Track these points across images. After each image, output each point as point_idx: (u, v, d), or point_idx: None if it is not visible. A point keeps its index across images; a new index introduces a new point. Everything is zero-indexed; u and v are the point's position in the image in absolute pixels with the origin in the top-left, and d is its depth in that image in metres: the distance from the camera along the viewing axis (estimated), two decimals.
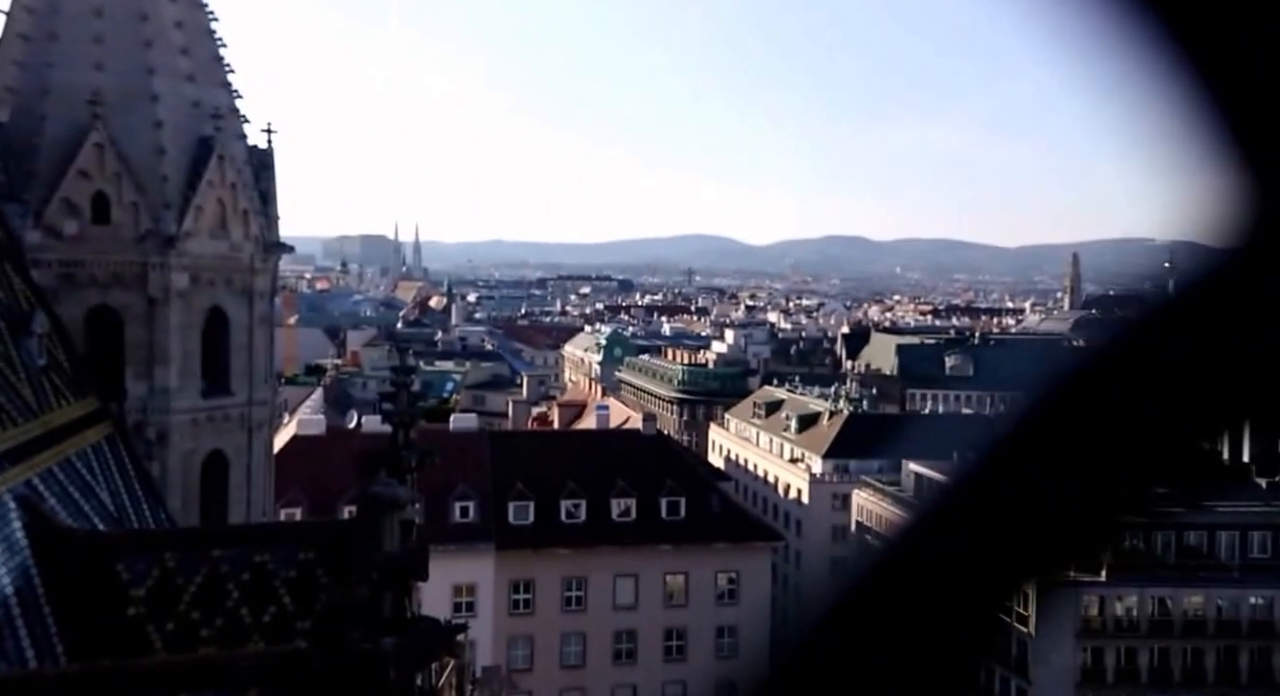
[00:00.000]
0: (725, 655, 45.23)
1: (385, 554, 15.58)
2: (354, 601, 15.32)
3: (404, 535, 16.23)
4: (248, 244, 22.05)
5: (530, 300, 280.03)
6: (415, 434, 18.83)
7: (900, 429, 63.43)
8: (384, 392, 19.98)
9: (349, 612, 15.23)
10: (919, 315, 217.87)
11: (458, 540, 41.85)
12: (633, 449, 48.59)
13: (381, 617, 15.23)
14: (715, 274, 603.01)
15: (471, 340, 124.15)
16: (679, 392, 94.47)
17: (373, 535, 15.74)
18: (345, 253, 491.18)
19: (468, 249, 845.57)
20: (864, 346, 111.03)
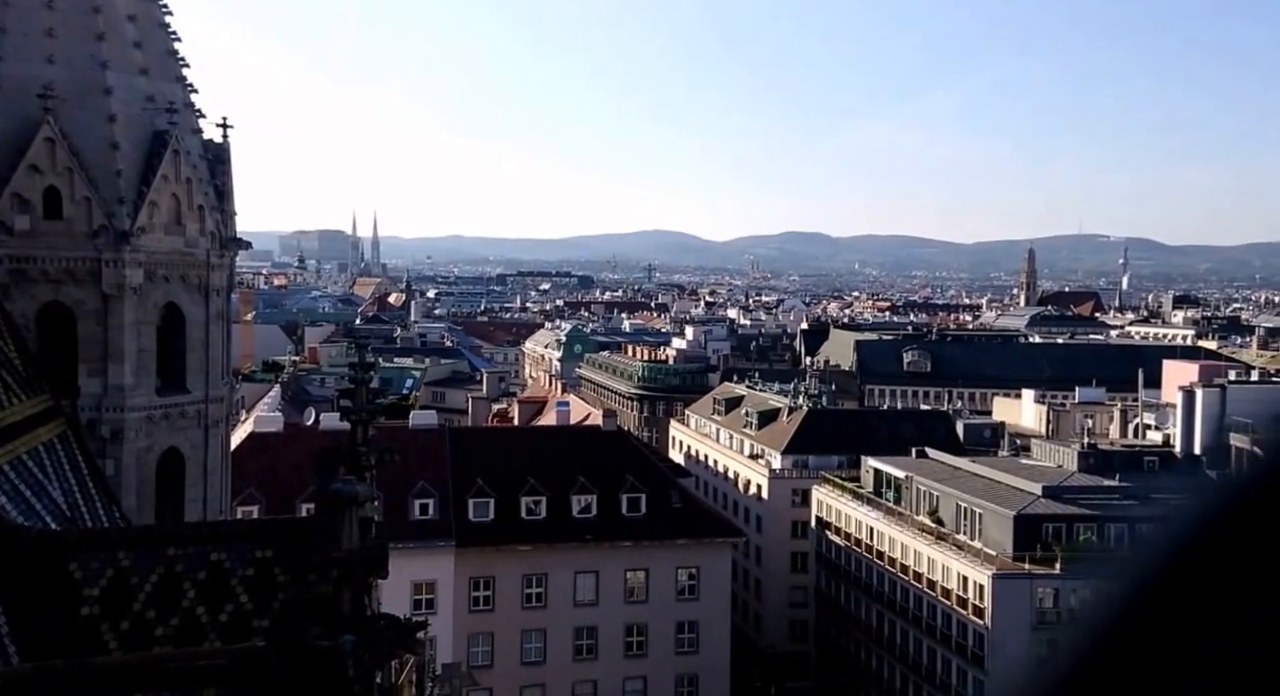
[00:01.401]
0: (685, 650, 45.52)
1: (344, 551, 15.55)
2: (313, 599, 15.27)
3: (363, 532, 16.19)
4: (203, 239, 21.77)
5: (490, 297, 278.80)
6: (374, 431, 18.75)
7: (859, 424, 64.25)
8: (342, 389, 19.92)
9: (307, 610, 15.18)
10: (877, 311, 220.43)
11: (417, 537, 41.65)
12: (593, 445, 48.67)
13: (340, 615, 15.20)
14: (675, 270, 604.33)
15: (431, 337, 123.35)
16: (639, 389, 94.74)
17: (331, 533, 15.69)
18: (303, 249, 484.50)
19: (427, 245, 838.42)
20: (823, 342, 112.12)
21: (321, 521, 16.03)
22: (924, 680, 46.29)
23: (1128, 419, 58.56)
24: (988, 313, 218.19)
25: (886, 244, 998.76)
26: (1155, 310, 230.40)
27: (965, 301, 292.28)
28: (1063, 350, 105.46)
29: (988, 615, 42.14)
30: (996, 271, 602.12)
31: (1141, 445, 52.80)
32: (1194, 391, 49.31)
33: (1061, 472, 47.48)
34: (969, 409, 76.94)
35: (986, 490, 46.08)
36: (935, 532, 46.44)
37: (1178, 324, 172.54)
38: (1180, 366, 59.61)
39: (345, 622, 15.04)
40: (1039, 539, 42.73)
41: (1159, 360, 64.71)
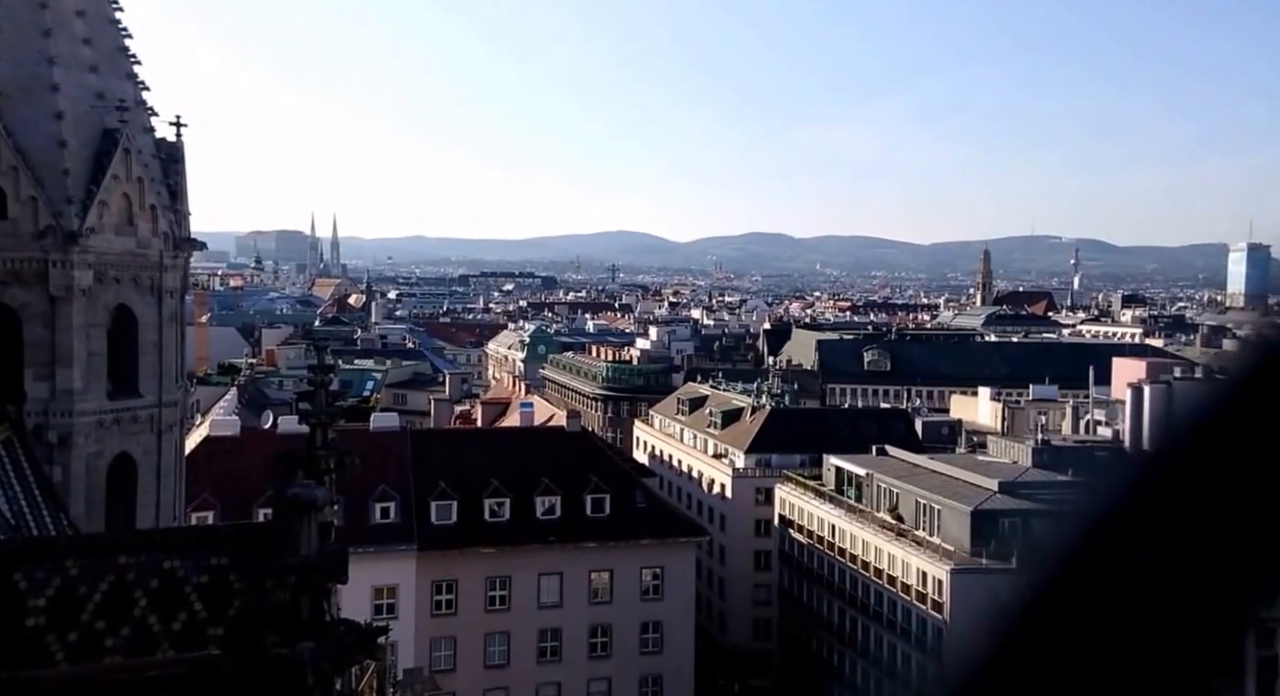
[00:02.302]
0: (650, 650, 45.53)
1: (303, 557, 15.33)
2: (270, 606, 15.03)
3: (322, 537, 15.97)
4: (156, 240, 21.34)
5: (452, 297, 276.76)
6: (334, 434, 18.51)
7: (821, 423, 64.79)
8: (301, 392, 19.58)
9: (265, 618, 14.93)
10: (838, 311, 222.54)
11: (378, 541, 41.19)
12: (557, 446, 48.50)
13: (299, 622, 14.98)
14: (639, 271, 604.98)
15: (392, 338, 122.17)
16: (603, 390, 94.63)
17: (290, 538, 15.46)
18: (260, 249, 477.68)
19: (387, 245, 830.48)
20: (785, 342, 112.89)
21: (279, 526, 15.79)
22: (885, 675, 46.78)
23: (1079, 415, 59.71)
24: (945, 312, 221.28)
25: (847, 245, 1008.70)
26: (1105, 309, 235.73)
27: (923, 301, 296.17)
28: (1017, 349, 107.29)
29: (946, 610, 42.69)
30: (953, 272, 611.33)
31: (1092, 441, 53.87)
32: (1142, 388, 50.38)
33: (1017, 468, 48.27)
34: (928, 407, 77.91)
35: (945, 487, 46.69)
36: (895, 529, 46.95)
37: (1126, 322, 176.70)
38: (1129, 364, 60.89)
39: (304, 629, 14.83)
40: (995, 534, 43.39)
41: (1109, 358, 66.04)
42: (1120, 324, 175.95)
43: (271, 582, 15.05)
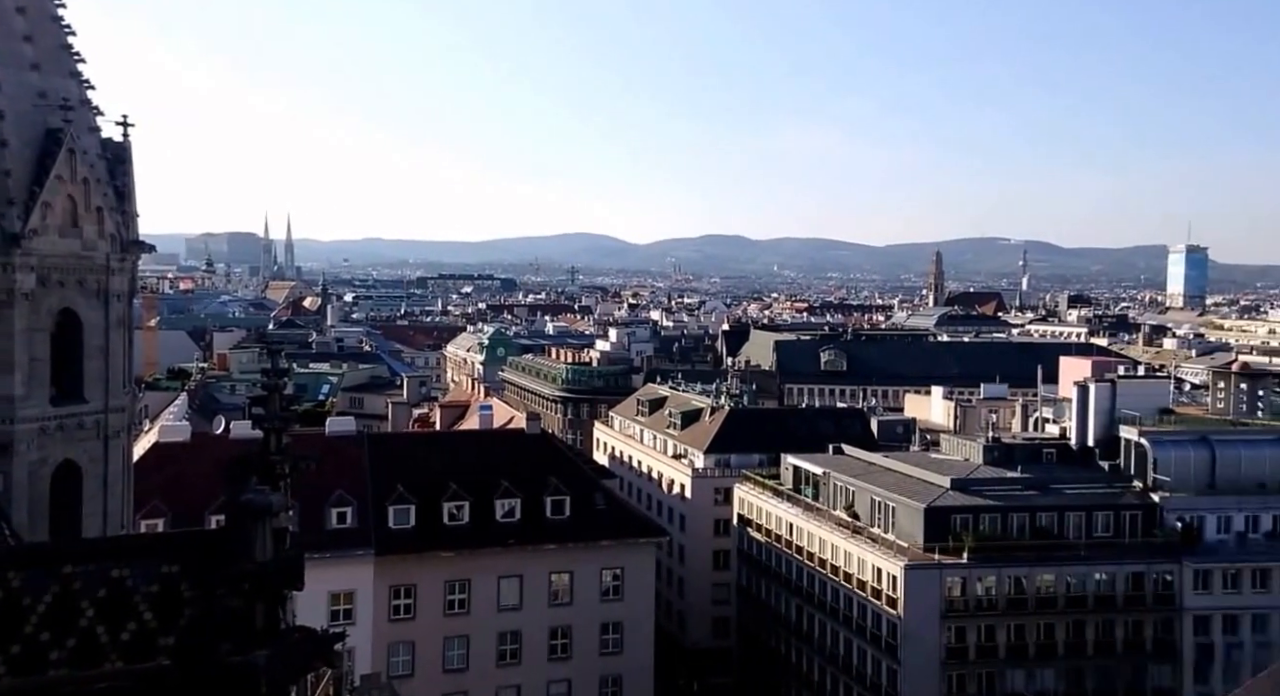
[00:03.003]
0: (610, 651, 45.55)
1: (257, 563, 15.14)
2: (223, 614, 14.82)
3: (277, 543, 15.78)
4: (102, 242, 20.91)
5: (410, 300, 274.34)
6: (288, 439, 18.28)
7: (779, 423, 65.37)
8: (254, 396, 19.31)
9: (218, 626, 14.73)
10: (795, 312, 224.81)
11: (335, 546, 40.73)
12: (517, 448, 48.34)
13: (253, 630, 14.79)
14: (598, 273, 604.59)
15: (348, 341, 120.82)
16: (563, 391, 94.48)
17: (243, 544, 15.26)
18: (211, 251, 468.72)
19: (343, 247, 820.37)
20: (744, 343, 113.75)
21: (233, 533, 15.58)
22: (841, 671, 47.33)
23: (1028, 413, 60.99)
24: (899, 313, 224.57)
25: (803, 246, 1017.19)
26: (1052, 309, 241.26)
27: (878, 302, 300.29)
28: (969, 348, 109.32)
29: (900, 605, 43.33)
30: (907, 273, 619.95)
31: (1041, 438, 55.05)
32: (1087, 386, 51.60)
33: (968, 466, 49.16)
34: (883, 406, 79.03)
35: (899, 484, 47.39)
36: (851, 526, 47.55)
37: (1072, 322, 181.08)
38: (1075, 362, 62.20)
39: (258, 637, 14.65)
40: (948, 530, 44.16)
41: (1056, 357, 67.50)
42: (1066, 323, 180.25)
43: (225, 590, 14.85)
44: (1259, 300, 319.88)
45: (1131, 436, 48.74)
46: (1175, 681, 45.28)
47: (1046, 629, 44.56)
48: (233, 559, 15.08)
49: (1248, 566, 45.58)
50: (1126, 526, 45.93)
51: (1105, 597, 44.97)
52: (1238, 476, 47.79)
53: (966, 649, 43.76)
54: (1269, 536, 46.77)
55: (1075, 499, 46.39)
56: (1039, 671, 44.43)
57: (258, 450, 17.92)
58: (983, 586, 43.98)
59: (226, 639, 14.42)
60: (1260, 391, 54.77)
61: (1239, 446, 48.72)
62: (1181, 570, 45.08)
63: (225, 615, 14.73)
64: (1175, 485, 46.85)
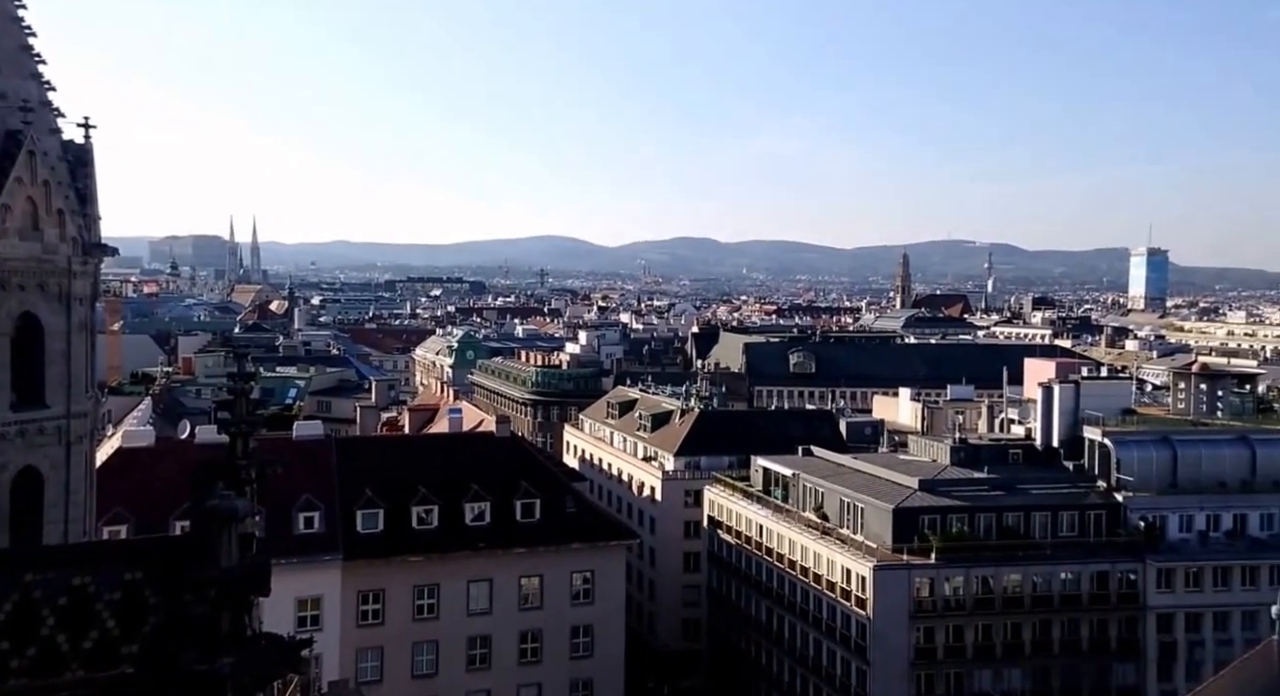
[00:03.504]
0: (580, 654, 45.50)
1: (222, 569, 15.01)
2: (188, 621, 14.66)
3: (243, 549, 15.65)
4: (64, 245, 20.59)
5: (378, 303, 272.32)
6: (255, 443, 18.13)
7: (748, 425, 65.65)
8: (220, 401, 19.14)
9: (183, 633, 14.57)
10: (764, 315, 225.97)
11: (302, 552, 40.36)
12: (486, 452, 48.15)
13: (218, 637, 14.65)
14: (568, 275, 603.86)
15: (316, 345, 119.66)
16: (533, 394, 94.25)
17: (209, 550, 15.11)
18: (176, 255, 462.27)
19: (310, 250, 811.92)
20: (713, 345, 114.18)
21: (197, 539, 15.43)
22: (810, 672, 47.60)
23: (994, 414, 61.76)
24: (867, 315, 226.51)
25: (772, 249, 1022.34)
26: (1017, 311, 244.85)
27: (846, 304, 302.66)
28: (935, 350, 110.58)
29: (869, 606, 43.64)
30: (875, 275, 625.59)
31: (1006, 439, 55.75)
32: (1051, 387, 52.35)
33: (935, 466, 49.67)
34: (851, 407, 79.58)
35: (868, 485, 47.77)
36: (820, 528, 47.85)
37: (1037, 324, 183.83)
38: (1039, 364, 63.06)
39: (223, 644, 14.51)
40: (916, 530, 44.57)
41: (1021, 358, 68.39)
42: (1031, 325, 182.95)
43: (189, 597, 14.69)
44: (1218, 302, 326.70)
45: (1095, 437, 49.51)
46: (1139, 679, 45.97)
47: (1013, 628, 45.06)
48: (198, 565, 14.93)
49: (1209, 565, 46.39)
50: (1091, 526, 46.55)
51: (1071, 597, 45.58)
52: (1198, 476, 48.65)
53: (935, 649, 44.15)
54: (1229, 535, 47.64)
55: (1041, 499, 46.99)
56: (1006, 671, 44.91)
57: (223, 455, 17.75)
58: (950, 586, 44.43)
59: (191, 646, 14.27)
60: (1219, 392, 55.89)
61: (1199, 446, 49.59)
62: (1145, 569, 45.80)
63: (190, 622, 14.58)
64: (1138, 485, 47.60)
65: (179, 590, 14.95)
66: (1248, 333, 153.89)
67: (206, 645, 14.56)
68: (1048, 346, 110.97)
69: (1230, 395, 55.89)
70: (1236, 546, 47.28)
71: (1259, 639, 30.97)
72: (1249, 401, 56.47)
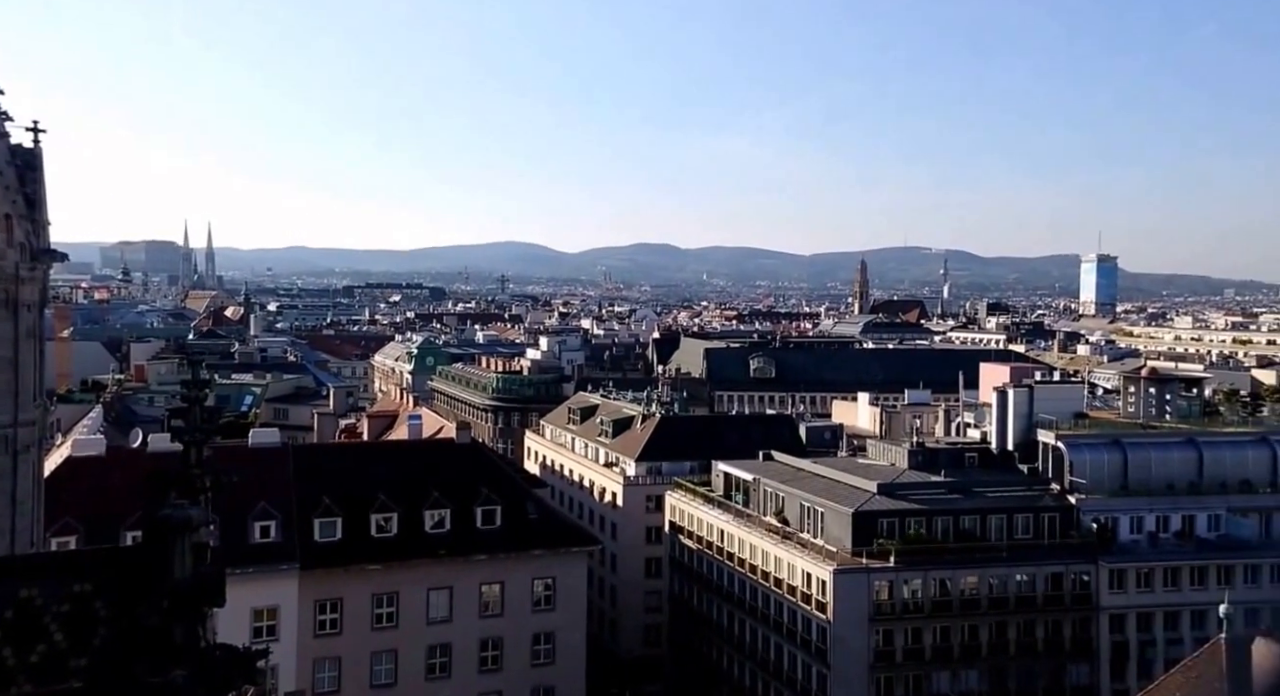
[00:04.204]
0: (541, 662, 45.27)
1: (176, 580, 14.76)
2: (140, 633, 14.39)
3: (197, 559, 15.41)
4: (11, 251, 20.14)
5: (337, 309, 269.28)
6: (209, 451, 17.84)
7: (709, 430, 65.91)
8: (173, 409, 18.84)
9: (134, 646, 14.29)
10: (725, 320, 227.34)
11: (258, 561, 39.71)
12: (446, 458, 47.80)
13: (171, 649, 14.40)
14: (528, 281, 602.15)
15: (272, 351, 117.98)
16: (494, 400, 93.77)
17: (161, 561, 14.86)
18: (128, 261, 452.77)
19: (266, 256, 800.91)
20: (674, 351, 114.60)
21: (150, 549, 15.16)
22: (771, 676, 47.84)
23: (951, 418, 62.67)
24: (826, 320, 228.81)
25: (732, 255, 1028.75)
26: (972, 317, 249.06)
27: (805, 310, 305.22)
28: (893, 355, 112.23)
29: (829, 609, 43.97)
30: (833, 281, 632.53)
31: (963, 442, 56.59)
32: (1006, 392, 53.25)
33: (894, 470, 50.25)
34: (811, 412, 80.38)
35: (827, 489, 48.18)
36: (781, 532, 48.15)
37: (991, 329, 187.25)
38: (994, 369, 63.99)
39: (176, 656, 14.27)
40: (875, 534, 45.03)
41: (976, 363, 69.43)
42: (986, 331, 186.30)
43: (141, 608, 14.43)
44: (1165, 308, 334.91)
45: (1049, 440, 50.43)
46: (1093, 679, 46.77)
47: (970, 630, 45.62)
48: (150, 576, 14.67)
49: (1159, 565, 47.36)
50: (1045, 528, 47.28)
51: (1026, 598, 46.27)
52: (1148, 478, 49.69)
53: (894, 652, 44.58)
54: (1178, 536, 48.73)
55: (996, 502, 47.67)
56: (964, 672, 45.44)
57: (177, 463, 17.46)
58: (909, 589, 44.91)
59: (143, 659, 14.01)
60: (1168, 395, 57.22)
61: (1149, 448, 50.68)
62: (1097, 570, 46.65)
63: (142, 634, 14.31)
64: (1090, 487, 48.50)
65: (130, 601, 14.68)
66: (1194, 337, 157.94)
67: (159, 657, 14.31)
68: (1002, 351, 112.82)
69: (1178, 399, 57.25)
70: (1185, 547, 48.34)
71: (1208, 637, 31.79)
72: (1196, 405, 57.96)
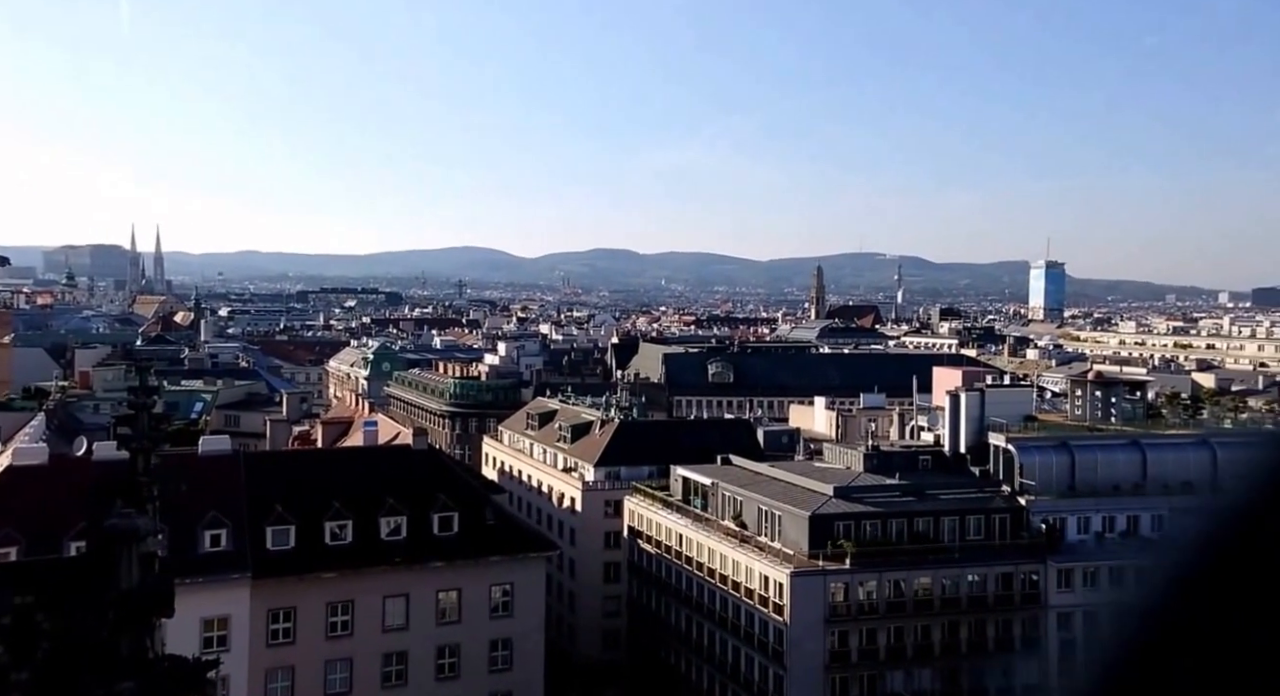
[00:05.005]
0: (499, 668, 44.97)
1: (122, 591, 14.50)
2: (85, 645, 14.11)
3: (144, 569, 15.15)
4: None
5: (290, 314, 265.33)
6: (158, 459, 17.54)
7: (668, 435, 66.09)
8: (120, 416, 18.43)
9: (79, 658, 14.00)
10: (683, 325, 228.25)
11: (208, 571, 38.97)
12: (403, 465, 47.32)
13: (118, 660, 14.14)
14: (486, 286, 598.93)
15: (224, 357, 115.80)
16: (451, 406, 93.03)
17: (107, 571, 14.58)
18: (73, 265, 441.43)
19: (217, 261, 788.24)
20: (633, 356, 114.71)
21: (95, 560, 14.86)
22: (729, 679, 48.06)
23: (905, 421, 63.55)
24: (783, 325, 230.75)
25: (690, 260, 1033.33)
26: (925, 322, 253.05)
27: (763, 315, 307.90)
28: (849, 360, 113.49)
29: (786, 612, 44.33)
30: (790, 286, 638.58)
31: (917, 445, 57.44)
32: (959, 395, 54.18)
33: (850, 473, 50.84)
34: (768, 416, 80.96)
35: (785, 493, 48.58)
36: (739, 536, 48.43)
37: (944, 334, 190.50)
38: (947, 373, 64.99)
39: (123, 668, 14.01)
40: (831, 536, 45.52)
41: (930, 367, 70.50)
42: (939, 335, 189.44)
43: (87, 620, 14.14)
44: (1110, 313, 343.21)
45: (999, 442, 51.39)
46: (1042, 677, 47.71)
47: (924, 630, 46.27)
48: (95, 586, 14.38)
49: (1105, 564, 48.41)
50: (996, 529, 48.14)
51: (978, 598, 47.05)
52: (1094, 479, 50.82)
53: (849, 653, 45.05)
54: (1123, 535, 49.91)
55: (949, 504, 48.45)
56: (917, 672, 46.08)
57: (124, 472, 17.13)
58: (864, 591, 45.44)
59: (89, 671, 13.73)
60: (1113, 398, 58.64)
61: (1095, 451, 51.85)
62: (1046, 569, 47.60)
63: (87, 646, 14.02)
64: (1039, 488, 49.49)
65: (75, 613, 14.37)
66: (1138, 342, 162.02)
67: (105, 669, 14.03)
68: (955, 355, 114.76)
69: (1123, 401, 58.70)
70: (1129, 546, 49.53)
71: None
72: (1140, 407, 59.48)
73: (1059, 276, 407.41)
